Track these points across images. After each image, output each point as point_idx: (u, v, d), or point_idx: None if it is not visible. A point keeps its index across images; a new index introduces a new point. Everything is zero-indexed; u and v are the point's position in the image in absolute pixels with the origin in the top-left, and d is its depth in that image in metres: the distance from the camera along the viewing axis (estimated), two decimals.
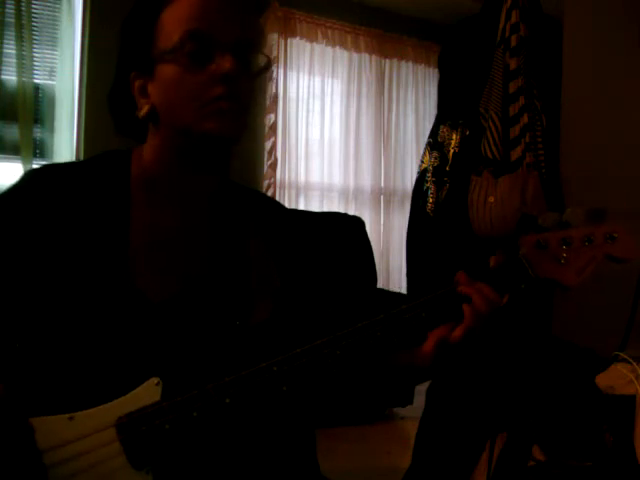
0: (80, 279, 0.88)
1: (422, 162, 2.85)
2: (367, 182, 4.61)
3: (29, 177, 0.96)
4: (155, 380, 0.83)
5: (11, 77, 3.25)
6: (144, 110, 0.93)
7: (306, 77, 4.35)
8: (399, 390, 1.02)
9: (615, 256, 0.95)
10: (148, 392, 0.82)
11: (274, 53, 4.16)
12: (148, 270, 0.92)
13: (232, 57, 0.90)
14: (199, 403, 0.81)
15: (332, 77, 4.48)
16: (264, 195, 1.17)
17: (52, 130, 3.42)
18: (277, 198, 4.10)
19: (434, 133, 2.82)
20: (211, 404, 0.81)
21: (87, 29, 3.44)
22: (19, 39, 3.21)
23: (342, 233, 3.29)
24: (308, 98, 4.37)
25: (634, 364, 1.42)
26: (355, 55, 4.53)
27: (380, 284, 3.84)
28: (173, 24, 0.91)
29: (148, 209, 0.95)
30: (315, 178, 4.43)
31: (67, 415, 0.81)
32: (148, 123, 0.96)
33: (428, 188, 2.73)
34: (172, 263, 0.94)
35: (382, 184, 4.69)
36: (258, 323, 0.94)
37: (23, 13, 3.22)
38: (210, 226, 0.98)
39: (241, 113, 0.92)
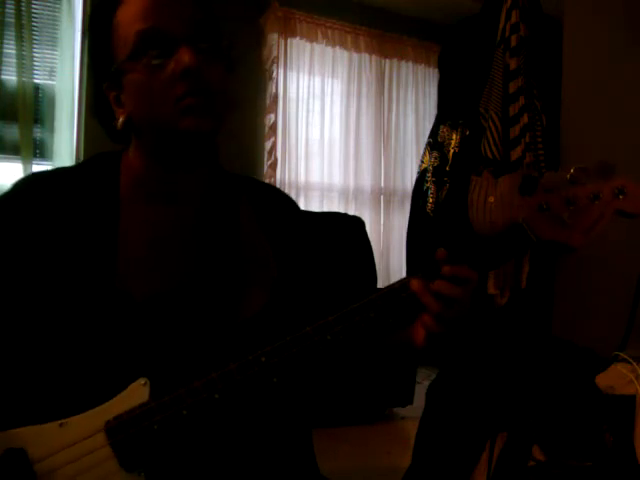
0: (68, 282, 0.88)
1: (422, 162, 2.85)
2: (367, 182, 4.61)
3: (18, 186, 0.96)
4: (142, 381, 0.82)
5: (11, 77, 3.24)
6: (120, 121, 0.92)
7: (306, 77, 4.35)
8: (397, 373, 1.00)
9: (626, 211, 0.89)
10: (136, 393, 0.82)
11: (274, 53, 4.16)
12: (138, 270, 0.91)
13: (189, 49, 0.86)
14: (188, 401, 0.80)
15: (332, 77, 4.48)
16: (262, 182, 1.14)
17: (52, 130, 3.42)
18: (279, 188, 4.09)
19: (434, 133, 2.82)
20: (200, 401, 0.81)
21: (87, 29, 3.44)
22: (19, 39, 3.21)
23: (342, 233, 3.29)
24: (308, 98, 4.36)
25: (634, 364, 1.42)
26: (355, 55, 4.52)
27: (380, 284, 3.84)
28: (125, 27, 0.89)
29: (138, 209, 0.95)
30: (315, 178, 4.42)
31: (57, 422, 0.81)
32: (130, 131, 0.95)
33: (428, 188, 2.73)
34: (161, 262, 0.93)
35: (382, 184, 4.69)
36: (253, 315, 0.92)
37: (23, 13, 3.22)
38: (201, 221, 0.97)
39: (213, 104, 0.89)
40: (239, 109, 3.51)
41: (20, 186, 0.96)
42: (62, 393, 0.85)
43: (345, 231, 3.32)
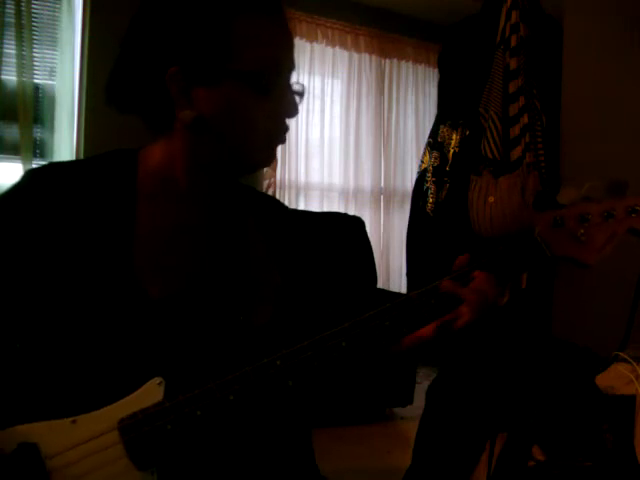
0: (83, 278, 0.87)
1: (422, 162, 2.85)
2: (367, 182, 4.61)
3: (30, 177, 0.94)
4: (157, 380, 0.82)
5: (11, 77, 3.25)
6: (188, 118, 0.89)
7: (306, 77, 4.35)
8: (399, 375, 1.01)
9: (639, 230, 0.91)
10: (151, 392, 0.82)
11: None
12: (152, 268, 0.91)
13: (292, 87, 0.92)
14: (203, 402, 0.81)
15: (332, 77, 4.48)
16: (262, 193, 1.16)
17: (52, 130, 3.43)
18: (277, 198, 4.09)
19: (434, 133, 2.82)
20: (215, 402, 0.81)
21: (87, 29, 3.44)
22: (19, 39, 3.21)
23: (342, 233, 3.29)
24: (308, 98, 4.36)
25: (634, 364, 1.42)
26: (355, 55, 4.53)
27: (380, 284, 3.84)
28: (251, 43, 0.87)
29: (154, 207, 0.94)
30: (315, 178, 4.43)
31: (70, 419, 0.81)
32: (172, 122, 0.91)
33: (428, 188, 2.73)
34: (175, 261, 0.93)
35: (382, 184, 4.69)
36: (265, 322, 0.93)
37: (23, 13, 3.22)
38: (212, 224, 0.98)
39: None
40: None
41: (33, 177, 0.93)
42: (75, 389, 0.85)
43: (345, 231, 3.32)
